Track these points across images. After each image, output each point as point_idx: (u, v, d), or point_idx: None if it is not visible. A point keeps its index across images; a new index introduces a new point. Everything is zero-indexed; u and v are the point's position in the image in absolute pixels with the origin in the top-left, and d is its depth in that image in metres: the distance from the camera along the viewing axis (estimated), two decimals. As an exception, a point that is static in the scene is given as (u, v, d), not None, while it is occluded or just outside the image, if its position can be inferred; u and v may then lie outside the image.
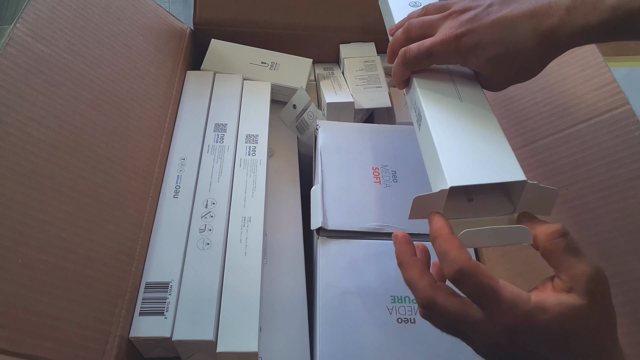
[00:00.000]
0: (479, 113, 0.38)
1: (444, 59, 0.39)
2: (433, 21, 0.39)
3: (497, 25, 0.36)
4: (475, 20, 0.37)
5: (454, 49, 0.37)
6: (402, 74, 0.41)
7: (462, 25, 0.37)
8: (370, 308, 0.44)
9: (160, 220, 0.48)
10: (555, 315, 0.28)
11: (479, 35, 0.36)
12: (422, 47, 0.39)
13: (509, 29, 0.35)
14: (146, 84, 0.53)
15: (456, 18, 0.38)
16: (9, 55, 0.39)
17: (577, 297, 0.28)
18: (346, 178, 0.52)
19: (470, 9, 0.38)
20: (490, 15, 0.36)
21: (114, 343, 0.39)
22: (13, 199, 0.35)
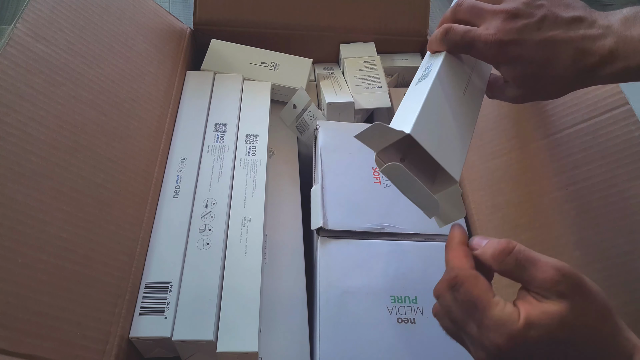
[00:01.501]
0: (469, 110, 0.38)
1: (481, 56, 0.39)
2: (482, 11, 0.38)
3: (544, 45, 0.36)
4: (524, 32, 0.36)
5: (495, 53, 0.37)
6: (437, 46, 0.41)
7: (510, 33, 0.36)
8: (370, 308, 0.44)
9: (160, 220, 0.48)
10: (543, 328, 0.28)
11: (524, 49, 0.36)
12: (467, 37, 0.38)
13: (554, 54, 0.35)
14: (146, 84, 0.53)
15: (506, 21, 0.37)
16: (9, 55, 0.39)
17: (554, 303, 0.28)
18: (346, 178, 0.52)
19: (521, 15, 0.36)
20: (540, 31, 0.36)
21: (114, 343, 0.39)
22: (13, 199, 0.35)
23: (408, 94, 0.40)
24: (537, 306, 0.28)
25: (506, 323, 0.28)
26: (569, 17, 0.36)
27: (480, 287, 0.30)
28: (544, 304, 0.28)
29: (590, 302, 0.28)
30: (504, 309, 0.29)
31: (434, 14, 1.14)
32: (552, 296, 0.28)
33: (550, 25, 0.36)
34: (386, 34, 0.69)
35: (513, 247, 0.30)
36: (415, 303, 0.45)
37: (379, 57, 0.68)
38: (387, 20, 0.68)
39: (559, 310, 0.28)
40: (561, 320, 0.27)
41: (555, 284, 0.28)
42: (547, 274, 0.29)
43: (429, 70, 0.40)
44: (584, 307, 0.28)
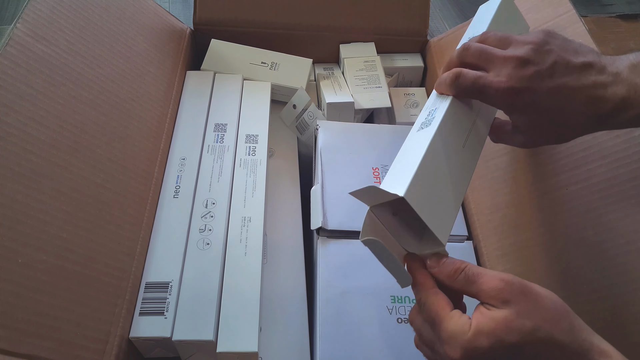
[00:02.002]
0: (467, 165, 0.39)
1: (491, 102, 0.38)
2: (492, 57, 0.37)
3: (557, 93, 0.35)
4: (536, 80, 0.35)
5: (507, 100, 0.36)
6: (446, 90, 0.40)
7: (522, 81, 0.35)
8: (370, 308, 0.44)
9: (160, 220, 0.48)
10: (492, 335, 0.29)
11: (536, 97, 0.35)
12: (478, 83, 0.37)
13: (567, 101, 0.35)
14: (146, 84, 0.53)
15: (517, 68, 0.36)
16: (9, 55, 0.39)
17: (500, 310, 0.29)
18: (346, 178, 0.52)
19: (532, 62, 0.35)
20: (552, 78, 0.35)
21: (114, 343, 0.39)
22: (13, 199, 0.35)
23: (408, 141, 0.39)
24: (486, 314, 0.30)
25: (458, 334, 0.30)
26: (580, 63, 0.35)
27: (438, 303, 0.32)
28: (491, 312, 0.30)
29: (536, 305, 0.29)
30: (457, 322, 0.30)
31: (434, 14, 1.14)
32: (498, 304, 0.30)
33: (562, 72, 0.35)
34: (386, 34, 0.69)
35: (465, 267, 0.32)
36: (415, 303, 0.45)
37: (379, 57, 0.68)
38: (387, 20, 0.68)
39: (504, 315, 0.29)
40: (507, 325, 0.29)
41: (499, 291, 0.30)
42: (491, 284, 0.30)
43: (433, 115, 0.39)
44: (530, 311, 0.29)
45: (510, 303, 0.29)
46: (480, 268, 0.32)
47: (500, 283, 0.30)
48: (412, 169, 0.34)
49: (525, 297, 0.29)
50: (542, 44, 0.36)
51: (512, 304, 0.29)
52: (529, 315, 0.29)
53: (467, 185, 0.38)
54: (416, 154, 0.35)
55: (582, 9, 1.23)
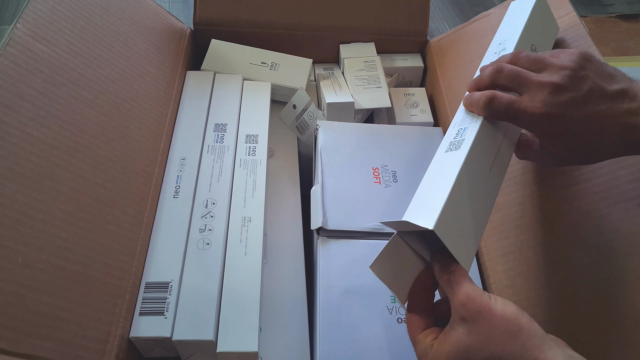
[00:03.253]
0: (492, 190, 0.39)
1: (524, 126, 0.38)
2: (526, 81, 0.37)
3: (592, 121, 0.35)
4: (571, 107, 0.35)
5: (541, 127, 0.36)
6: (478, 111, 0.39)
7: (557, 107, 0.35)
8: (370, 308, 0.44)
9: (160, 220, 0.48)
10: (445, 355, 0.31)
11: (571, 124, 0.36)
12: (512, 108, 0.37)
13: (600, 129, 0.35)
14: (146, 84, 0.53)
15: (552, 93, 0.35)
16: (9, 55, 0.39)
17: (456, 329, 0.31)
18: (346, 178, 0.52)
19: (567, 89, 0.35)
20: (587, 106, 0.35)
21: (114, 343, 0.39)
22: (13, 199, 0.35)
23: (436, 162, 0.39)
24: (444, 334, 0.31)
25: (425, 353, 0.32)
26: (614, 90, 0.36)
27: (411, 327, 0.35)
28: (449, 332, 0.31)
29: (489, 326, 0.29)
30: (422, 345, 0.33)
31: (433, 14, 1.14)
32: (456, 320, 0.31)
33: (597, 100, 0.35)
34: (386, 34, 0.69)
35: (454, 270, 0.33)
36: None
37: (379, 57, 0.68)
38: (387, 20, 0.68)
39: (457, 335, 0.30)
40: (458, 345, 0.30)
41: (460, 306, 0.31)
42: (459, 296, 0.31)
43: (462, 137, 0.39)
44: (482, 331, 0.29)
45: (465, 321, 0.30)
46: (462, 276, 0.32)
47: (464, 298, 0.31)
48: (441, 199, 0.34)
49: (480, 316, 0.30)
50: (578, 70, 0.36)
51: (467, 322, 0.30)
52: (479, 335, 0.29)
53: (490, 211, 0.38)
54: (445, 182, 0.35)
55: (582, 9, 1.23)
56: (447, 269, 0.33)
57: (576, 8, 0.52)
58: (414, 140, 0.57)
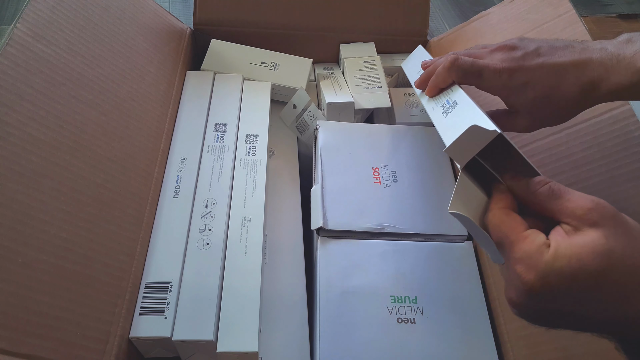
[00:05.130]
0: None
1: (487, 85, 0.40)
2: (481, 53, 0.41)
3: (547, 68, 0.38)
4: (527, 59, 0.38)
5: (503, 81, 0.39)
6: (444, 79, 0.42)
7: (514, 61, 0.38)
8: (370, 308, 0.44)
9: (160, 220, 0.48)
10: (574, 260, 0.26)
11: (530, 74, 0.38)
12: (476, 64, 0.40)
13: (557, 75, 0.37)
14: (146, 84, 0.53)
15: (506, 53, 0.39)
16: (9, 55, 0.39)
17: (586, 233, 0.26)
18: (346, 178, 0.52)
19: (519, 47, 0.39)
20: (540, 57, 0.38)
21: (114, 343, 0.39)
22: (13, 199, 0.35)
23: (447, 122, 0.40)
24: (568, 237, 0.27)
25: (533, 256, 0.27)
26: (562, 45, 0.38)
27: (508, 223, 0.29)
28: (575, 235, 0.27)
29: (628, 233, 0.26)
30: (533, 242, 0.27)
31: (434, 14, 1.14)
32: (584, 226, 0.27)
33: (548, 52, 0.38)
34: (386, 34, 0.69)
35: (549, 181, 0.30)
36: (415, 303, 0.45)
37: (379, 57, 0.68)
38: (387, 20, 0.68)
39: (591, 239, 0.26)
40: (594, 250, 0.26)
41: (587, 211, 0.27)
42: (580, 202, 0.27)
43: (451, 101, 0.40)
44: (620, 237, 0.26)
45: (598, 226, 0.26)
46: (566, 187, 0.29)
47: (590, 202, 0.27)
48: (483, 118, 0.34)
49: (616, 222, 0.26)
50: (522, 38, 0.40)
51: (601, 227, 0.26)
52: (619, 241, 0.26)
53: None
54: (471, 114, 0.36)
55: (582, 9, 1.23)
56: (539, 182, 0.30)
57: (576, 8, 0.52)
58: (414, 140, 0.57)
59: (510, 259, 0.28)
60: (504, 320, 0.45)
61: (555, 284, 0.26)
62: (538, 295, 0.27)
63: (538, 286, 0.27)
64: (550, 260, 0.26)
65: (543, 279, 0.26)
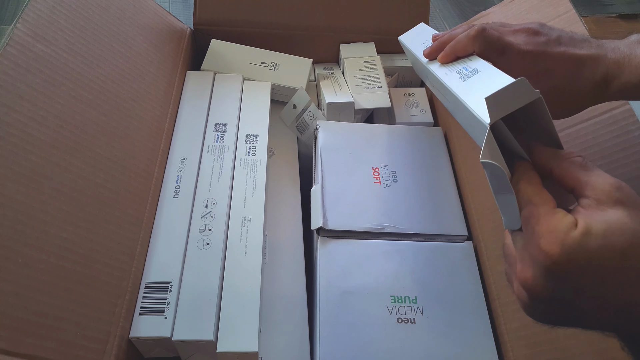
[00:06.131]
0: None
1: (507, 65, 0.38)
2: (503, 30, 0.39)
3: (568, 58, 0.37)
4: (549, 45, 0.38)
5: (525, 63, 0.38)
6: (464, 47, 0.40)
7: (538, 46, 0.38)
8: (370, 308, 0.44)
9: (160, 220, 0.48)
10: (603, 236, 0.25)
11: (552, 61, 0.37)
12: (502, 39, 0.39)
13: (576, 66, 0.37)
14: (146, 84, 0.53)
15: (530, 36, 0.38)
16: (9, 55, 0.39)
17: (613, 211, 0.26)
18: (346, 178, 0.52)
19: (541, 33, 0.38)
20: (562, 46, 0.38)
21: (114, 343, 0.39)
22: (13, 199, 0.35)
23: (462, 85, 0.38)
24: (596, 214, 0.26)
25: (561, 230, 0.26)
26: (580, 38, 0.38)
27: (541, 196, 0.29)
28: (603, 212, 0.26)
29: None
30: (562, 218, 0.27)
31: (433, 14, 1.14)
32: (609, 202, 0.26)
33: (568, 42, 0.38)
34: (386, 34, 0.69)
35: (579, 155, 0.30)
36: (415, 303, 0.45)
37: (379, 57, 0.68)
38: (387, 20, 0.68)
39: (617, 217, 0.26)
40: (620, 227, 0.25)
41: (614, 189, 0.27)
42: (608, 179, 0.27)
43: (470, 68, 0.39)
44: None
45: (624, 205, 0.26)
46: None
47: (616, 182, 0.27)
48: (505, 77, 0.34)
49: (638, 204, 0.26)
50: (542, 24, 0.39)
51: (627, 206, 0.26)
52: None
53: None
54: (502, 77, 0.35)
55: (582, 9, 1.23)
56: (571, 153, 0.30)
57: (576, 8, 0.52)
58: (414, 140, 0.57)
59: (535, 232, 0.27)
60: (504, 320, 0.45)
61: (581, 259, 0.26)
62: (559, 272, 0.26)
63: (562, 260, 0.26)
64: (578, 237, 0.26)
65: (569, 254, 0.26)
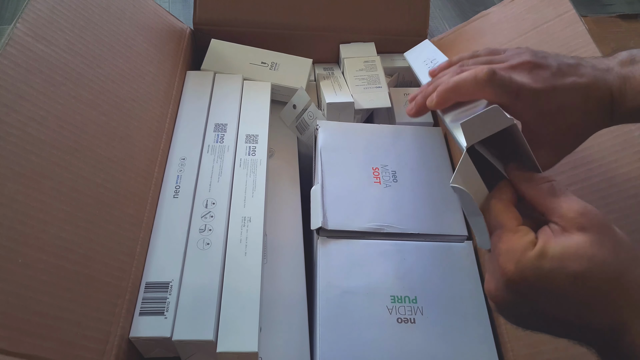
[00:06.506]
0: None
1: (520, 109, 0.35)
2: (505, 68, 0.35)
3: (576, 91, 0.34)
4: (555, 79, 0.34)
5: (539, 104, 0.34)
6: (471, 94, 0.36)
7: (545, 81, 0.34)
8: (370, 308, 0.44)
9: (160, 220, 0.48)
10: (557, 260, 0.26)
11: (564, 96, 0.34)
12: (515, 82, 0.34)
13: (585, 98, 0.34)
14: (146, 84, 0.53)
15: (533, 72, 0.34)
16: (9, 55, 0.39)
17: (573, 236, 0.27)
18: (346, 178, 0.52)
19: (542, 65, 0.35)
20: (566, 77, 0.34)
21: (114, 343, 0.39)
22: (13, 199, 0.35)
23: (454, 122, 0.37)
24: (557, 238, 0.27)
25: (518, 249, 0.27)
26: (574, 62, 0.35)
27: (506, 214, 0.30)
28: (562, 236, 0.27)
29: (613, 242, 0.26)
30: (522, 238, 0.28)
31: (434, 14, 1.14)
32: (572, 228, 0.27)
33: (568, 72, 0.34)
34: (386, 34, 0.69)
35: (553, 179, 0.30)
36: (415, 303, 0.45)
37: (379, 57, 0.68)
38: (387, 20, 0.68)
39: (576, 242, 0.26)
40: (576, 252, 0.26)
41: (578, 215, 0.27)
42: (573, 205, 0.28)
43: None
44: (605, 243, 0.26)
45: (586, 230, 0.27)
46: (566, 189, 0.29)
47: (582, 207, 0.27)
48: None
49: (603, 229, 0.27)
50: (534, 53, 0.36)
51: (588, 232, 0.27)
52: (603, 247, 0.26)
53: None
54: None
55: (582, 9, 1.23)
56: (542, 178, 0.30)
57: (576, 7, 0.52)
58: (414, 140, 0.57)
59: (497, 248, 0.29)
60: (504, 320, 0.45)
61: (532, 278, 0.27)
62: (514, 287, 0.28)
63: (515, 278, 0.27)
64: (532, 256, 0.27)
65: (521, 272, 0.27)
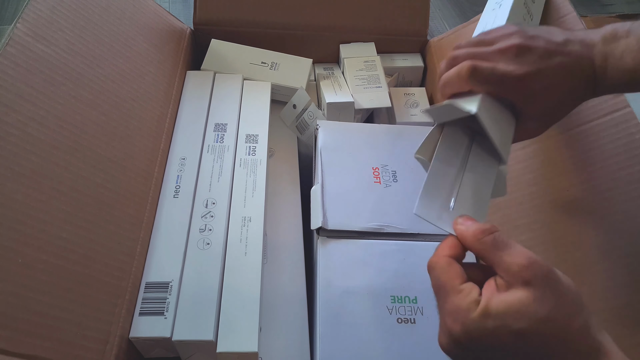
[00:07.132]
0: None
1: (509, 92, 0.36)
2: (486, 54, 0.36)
3: (562, 69, 0.35)
4: (542, 61, 0.35)
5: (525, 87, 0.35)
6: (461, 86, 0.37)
7: (532, 65, 0.35)
8: (370, 308, 0.44)
9: (160, 220, 0.48)
10: (500, 317, 0.27)
11: (550, 77, 0.35)
12: (497, 71, 0.35)
13: (570, 75, 0.35)
14: (146, 84, 0.53)
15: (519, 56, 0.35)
16: (9, 55, 0.39)
17: (516, 291, 0.27)
18: (346, 178, 0.52)
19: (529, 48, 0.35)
20: (552, 58, 0.35)
21: (114, 343, 0.39)
22: (13, 199, 0.35)
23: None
24: (498, 294, 0.28)
25: (462, 311, 0.28)
26: (562, 40, 0.36)
27: (448, 273, 0.30)
28: (505, 292, 0.28)
29: (557, 295, 0.27)
30: (466, 297, 0.28)
31: (434, 14, 1.14)
32: (516, 283, 0.27)
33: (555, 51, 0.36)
34: (386, 34, 0.69)
35: (495, 230, 0.30)
36: (415, 303, 0.45)
37: (379, 57, 0.68)
38: (387, 20, 0.68)
39: (519, 299, 0.27)
40: (519, 310, 0.27)
41: (522, 268, 0.27)
42: (517, 258, 0.28)
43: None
44: (548, 299, 0.27)
45: (529, 285, 0.27)
46: (510, 240, 0.30)
47: (525, 261, 0.28)
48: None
49: (547, 282, 0.27)
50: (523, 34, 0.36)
51: (532, 287, 0.27)
52: (546, 303, 0.26)
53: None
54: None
55: (582, 9, 1.23)
56: (486, 230, 0.30)
57: (576, 8, 0.52)
58: (414, 140, 0.57)
59: (443, 309, 0.30)
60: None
61: (478, 337, 0.27)
62: (462, 344, 0.28)
63: (462, 338, 0.28)
64: (476, 316, 0.27)
65: (467, 332, 0.28)
